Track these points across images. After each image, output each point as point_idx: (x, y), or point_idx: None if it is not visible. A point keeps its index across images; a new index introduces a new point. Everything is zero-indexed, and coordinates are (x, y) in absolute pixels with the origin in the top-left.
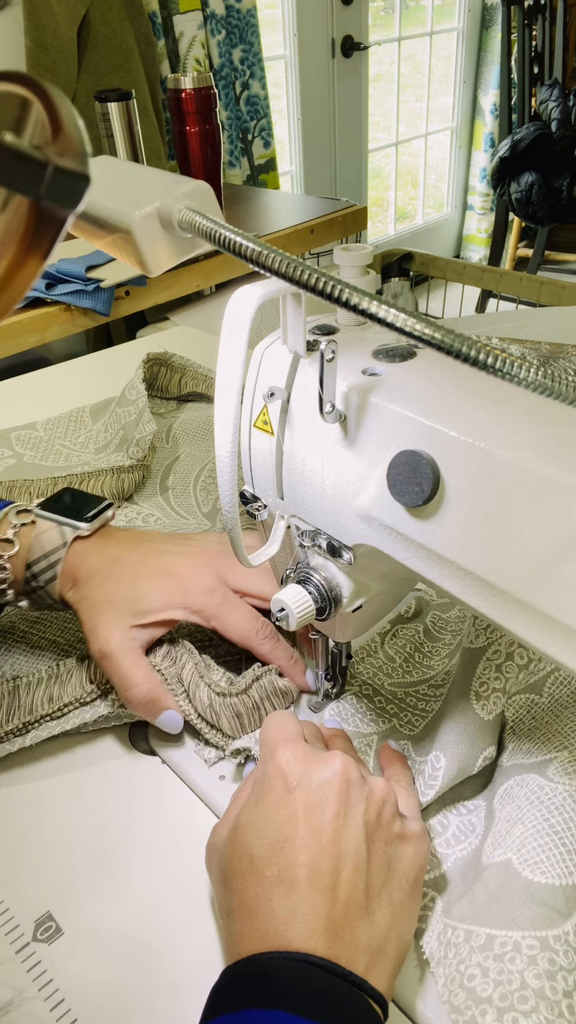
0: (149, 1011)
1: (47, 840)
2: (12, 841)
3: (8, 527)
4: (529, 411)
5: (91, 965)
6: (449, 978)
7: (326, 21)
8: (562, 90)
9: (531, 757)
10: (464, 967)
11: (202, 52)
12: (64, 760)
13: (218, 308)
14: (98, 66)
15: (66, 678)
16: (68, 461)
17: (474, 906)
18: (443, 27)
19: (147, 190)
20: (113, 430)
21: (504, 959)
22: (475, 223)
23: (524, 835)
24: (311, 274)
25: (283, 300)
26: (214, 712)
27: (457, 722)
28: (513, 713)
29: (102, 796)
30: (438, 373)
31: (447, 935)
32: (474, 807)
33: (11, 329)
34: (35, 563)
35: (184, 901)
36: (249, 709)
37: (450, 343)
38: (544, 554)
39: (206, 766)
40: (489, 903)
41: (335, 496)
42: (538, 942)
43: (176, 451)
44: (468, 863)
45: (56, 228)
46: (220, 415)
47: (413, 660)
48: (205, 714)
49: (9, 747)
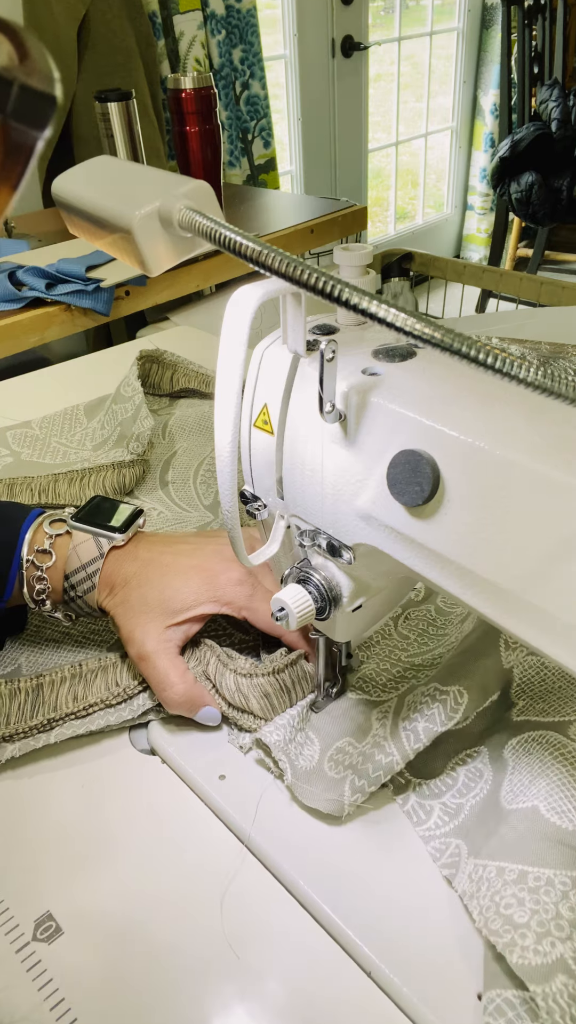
0: (149, 1011)
1: (47, 840)
2: (12, 841)
3: (44, 538)
4: (529, 411)
5: (91, 965)
6: (484, 908)
7: (326, 21)
8: (562, 90)
9: (547, 716)
10: (499, 898)
11: (202, 52)
12: (64, 760)
13: (218, 308)
14: (98, 66)
15: (90, 679)
16: (66, 458)
17: (503, 845)
18: (443, 27)
19: (147, 190)
20: (110, 427)
21: (539, 891)
22: (475, 223)
23: (549, 787)
24: (311, 274)
25: (283, 300)
26: (242, 695)
27: (483, 665)
28: (522, 672)
29: (102, 796)
30: (438, 373)
31: (478, 872)
32: (476, 753)
33: (11, 329)
34: (73, 574)
35: (184, 901)
36: (278, 691)
37: (450, 342)
38: (544, 553)
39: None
40: (518, 842)
41: (335, 496)
42: (570, 879)
43: (173, 446)
44: (485, 808)
45: (25, 156)
46: (220, 415)
47: (428, 634)
48: (234, 700)
49: (34, 743)
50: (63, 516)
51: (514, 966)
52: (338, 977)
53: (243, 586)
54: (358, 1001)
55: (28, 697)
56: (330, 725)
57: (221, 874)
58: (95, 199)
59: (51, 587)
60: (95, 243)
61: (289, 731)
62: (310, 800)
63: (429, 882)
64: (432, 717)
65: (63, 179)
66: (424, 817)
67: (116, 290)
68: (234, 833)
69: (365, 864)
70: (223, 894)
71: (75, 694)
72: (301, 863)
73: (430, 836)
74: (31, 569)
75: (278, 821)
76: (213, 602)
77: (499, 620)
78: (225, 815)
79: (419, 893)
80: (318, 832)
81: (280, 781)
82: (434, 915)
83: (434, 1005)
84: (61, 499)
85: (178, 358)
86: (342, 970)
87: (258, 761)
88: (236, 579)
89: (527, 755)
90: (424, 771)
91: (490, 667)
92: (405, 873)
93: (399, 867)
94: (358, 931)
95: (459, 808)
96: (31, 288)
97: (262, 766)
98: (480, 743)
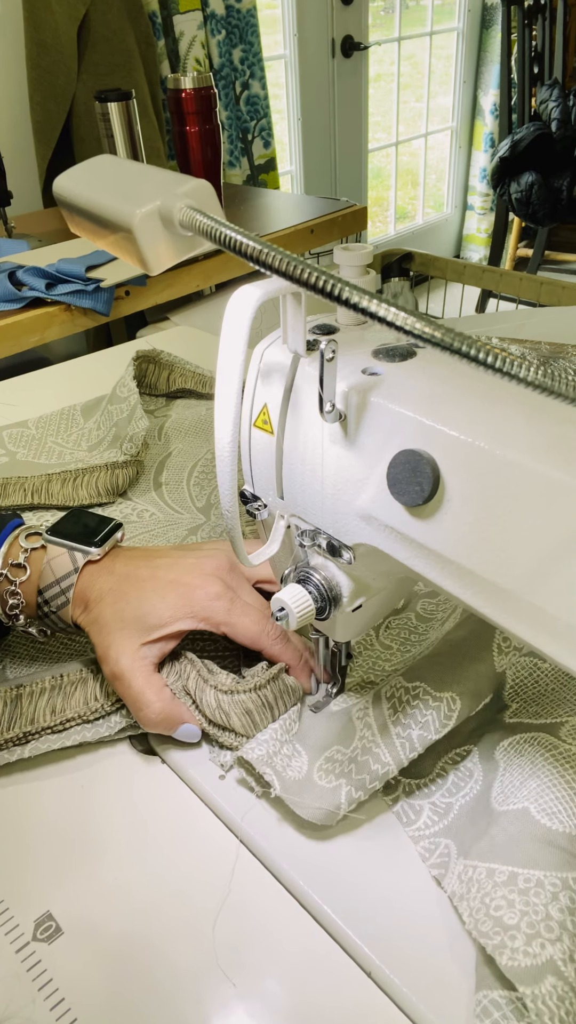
0: (149, 1011)
1: (47, 840)
2: (12, 841)
3: (19, 551)
4: (529, 411)
5: (91, 965)
6: (474, 909)
7: (326, 21)
8: (562, 90)
9: (539, 719)
10: (489, 899)
11: (202, 52)
12: (64, 760)
13: (218, 308)
14: (98, 66)
15: (69, 691)
16: (61, 459)
17: (494, 847)
18: (443, 27)
19: (148, 189)
20: (106, 427)
21: (529, 893)
22: (475, 223)
23: (540, 788)
24: (312, 273)
25: (283, 299)
26: (223, 712)
27: (476, 670)
28: (515, 674)
29: (102, 796)
30: (438, 372)
31: (468, 873)
32: (466, 753)
33: (11, 329)
34: (47, 589)
35: (184, 901)
36: (260, 707)
37: (451, 342)
38: (544, 553)
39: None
40: (509, 844)
41: (335, 495)
42: (560, 881)
43: (168, 447)
44: (476, 809)
45: None
46: (220, 414)
47: (410, 641)
48: (214, 717)
49: (8, 756)
50: (40, 529)
51: (504, 968)
52: (338, 977)
53: (221, 600)
54: (358, 1001)
55: (6, 708)
56: (315, 734)
57: (221, 874)
58: (96, 198)
59: (25, 602)
60: (96, 242)
61: (273, 744)
62: (301, 811)
63: (429, 882)
64: (427, 725)
65: (64, 178)
66: (414, 817)
67: (116, 290)
68: (234, 833)
69: (365, 864)
70: (223, 894)
71: (53, 706)
72: (301, 863)
73: (419, 836)
74: (4, 583)
75: (278, 821)
76: (190, 618)
77: (499, 620)
78: (225, 815)
79: (419, 893)
80: (318, 832)
81: (263, 800)
82: (434, 915)
83: (434, 1005)
84: (54, 499)
85: (175, 358)
86: (342, 970)
87: (239, 781)
88: (214, 594)
89: (518, 756)
90: (413, 771)
91: (483, 672)
92: (405, 873)
93: (399, 867)
94: (358, 931)
95: (448, 808)
96: (31, 288)
97: (244, 786)
98: (469, 742)
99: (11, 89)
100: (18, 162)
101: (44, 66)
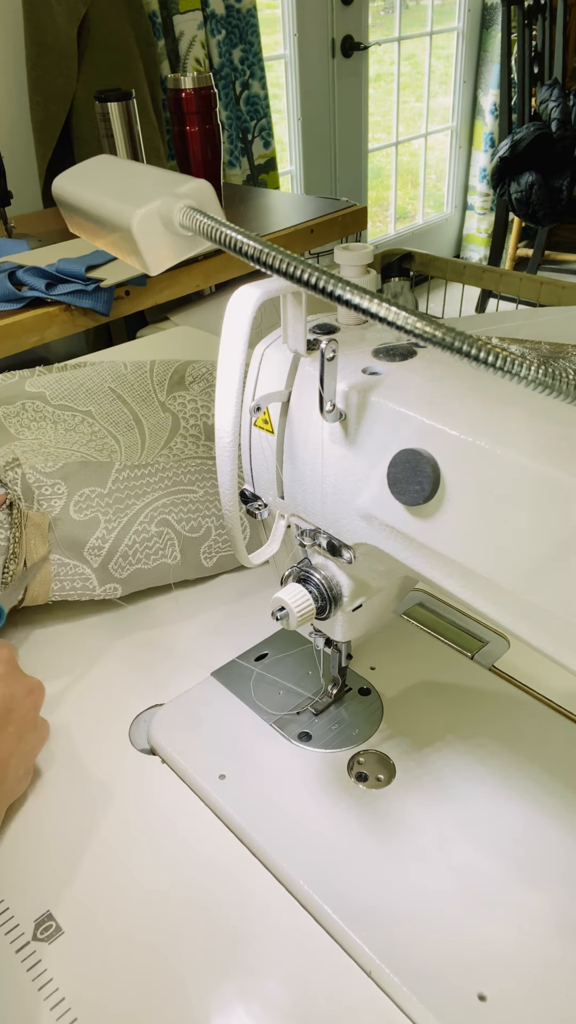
0: (149, 1011)
1: (47, 840)
2: (12, 841)
3: None
4: (530, 410)
5: (91, 965)
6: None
7: (326, 21)
8: (562, 90)
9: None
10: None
11: (202, 52)
12: (64, 759)
13: (218, 308)
14: (98, 66)
15: None
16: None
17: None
18: (443, 27)
19: (148, 189)
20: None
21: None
22: (475, 223)
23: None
24: (312, 273)
25: (283, 299)
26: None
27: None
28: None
29: (102, 795)
30: (438, 372)
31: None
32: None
33: (11, 329)
34: None
35: (184, 900)
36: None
37: (451, 340)
38: (544, 553)
39: (206, 767)
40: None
41: (335, 495)
42: None
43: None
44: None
45: None
46: (221, 414)
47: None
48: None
49: None
50: None
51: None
52: (338, 977)
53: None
54: (358, 1001)
55: None
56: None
57: (221, 874)
58: (96, 198)
59: None
60: (96, 242)
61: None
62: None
63: (429, 881)
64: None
65: (64, 178)
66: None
67: (116, 290)
68: (234, 833)
69: (365, 864)
70: (223, 894)
71: None
72: (301, 863)
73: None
74: None
75: (278, 821)
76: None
77: (499, 619)
78: (225, 815)
79: (420, 893)
80: (318, 832)
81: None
82: (434, 916)
83: (434, 1005)
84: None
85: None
86: (342, 970)
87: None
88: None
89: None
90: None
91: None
92: (406, 873)
93: (400, 867)
94: (358, 931)
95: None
96: (31, 288)
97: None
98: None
99: (11, 89)
100: (18, 162)
101: (44, 66)
